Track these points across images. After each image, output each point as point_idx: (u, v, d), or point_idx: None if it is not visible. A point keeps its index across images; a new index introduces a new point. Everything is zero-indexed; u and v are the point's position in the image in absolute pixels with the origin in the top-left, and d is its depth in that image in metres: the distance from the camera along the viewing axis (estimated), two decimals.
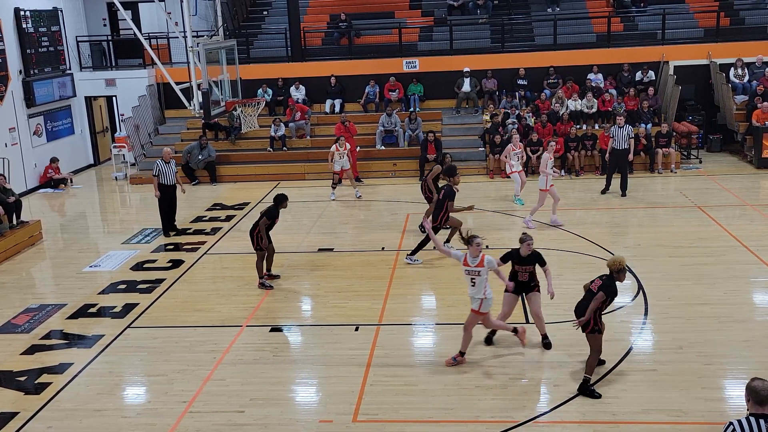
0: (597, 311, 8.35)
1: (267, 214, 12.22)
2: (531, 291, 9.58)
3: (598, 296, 8.26)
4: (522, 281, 9.48)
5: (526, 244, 9.31)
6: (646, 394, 8.47)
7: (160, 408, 8.69)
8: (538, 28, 23.61)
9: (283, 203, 12.32)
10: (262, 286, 12.33)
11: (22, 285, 13.34)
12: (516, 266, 9.44)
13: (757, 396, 5.50)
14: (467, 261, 9.03)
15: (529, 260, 9.38)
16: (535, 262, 9.41)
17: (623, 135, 16.79)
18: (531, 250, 9.36)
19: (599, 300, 8.26)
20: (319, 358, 9.81)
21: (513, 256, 9.43)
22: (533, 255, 9.37)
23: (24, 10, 20.24)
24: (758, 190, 17.55)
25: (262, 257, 12.35)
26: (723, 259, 12.71)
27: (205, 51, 16.88)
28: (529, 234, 9.58)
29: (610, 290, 8.33)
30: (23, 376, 9.67)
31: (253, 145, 21.52)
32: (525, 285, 9.55)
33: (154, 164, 15.73)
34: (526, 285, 9.55)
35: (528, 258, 9.37)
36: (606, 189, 17.35)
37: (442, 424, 8.11)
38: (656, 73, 21.48)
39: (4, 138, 19.40)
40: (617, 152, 16.88)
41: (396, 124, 20.80)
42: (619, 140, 16.81)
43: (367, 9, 25.16)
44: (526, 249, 9.34)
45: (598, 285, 8.42)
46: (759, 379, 5.60)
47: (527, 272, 9.46)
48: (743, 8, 23.26)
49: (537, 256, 9.44)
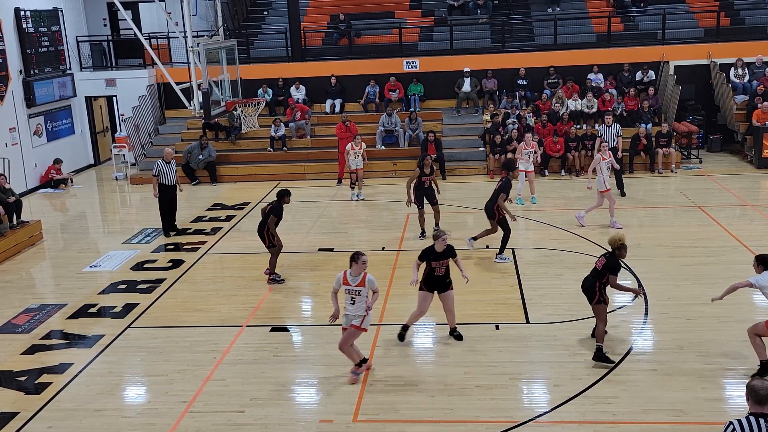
0: (601, 285, 9.21)
1: (274, 212, 12.42)
2: (446, 289, 9.91)
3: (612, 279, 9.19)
4: (439, 276, 9.78)
5: (441, 239, 9.68)
6: (646, 394, 8.48)
7: (160, 408, 8.70)
8: (538, 28, 23.61)
9: (285, 198, 12.54)
10: (273, 281, 12.54)
11: (22, 285, 13.34)
12: (433, 262, 9.74)
13: (757, 395, 5.51)
14: (347, 279, 8.76)
15: (444, 255, 9.75)
16: (450, 255, 9.81)
17: (612, 133, 17.48)
18: (446, 245, 9.74)
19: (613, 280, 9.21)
20: (319, 358, 9.81)
21: (430, 253, 9.74)
22: (448, 249, 9.78)
23: (24, 10, 20.24)
24: (758, 190, 17.55)
25: (276, 253, 12.60)
26: (723, 259, 12.71)
27: (205, 51, 16.90)
28: (444, 230, 9.97)
29: (613, 267, 9.20)
30: (23, 376, 9.67)
31: (254, 145, 21.52)
32: (441, 281, 9.84)
33: (154, 164, 15.72)
34: (441, 281, 9.84)
35: (443, 253, 9.74)
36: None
37: (442, 424, 8.11)
38: (656, 73, 21.48)
39: (4, 138, 19.41)
40: None
41: (396, 124, 20.80)
42: (608, 139, 17.41)
43: (367, 9, 25.16)
44: (442, 244, 9.71)
45: (602, 264, 9.28)
46: (758, 378, 5.60)
47: (444, 266, 9.78)
48: (743, 8, 23.26)
49: (451, 249, 9.83)
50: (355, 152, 17.80)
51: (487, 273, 12.54)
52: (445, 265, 9.81)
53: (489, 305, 11.20)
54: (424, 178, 14.34)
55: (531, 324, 10.50)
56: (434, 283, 9.83)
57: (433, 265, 9.74)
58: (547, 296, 11.41)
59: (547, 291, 11.62)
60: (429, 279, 9.81)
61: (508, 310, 11.02)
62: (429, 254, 9.74)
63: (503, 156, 19.16)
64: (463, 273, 9.95)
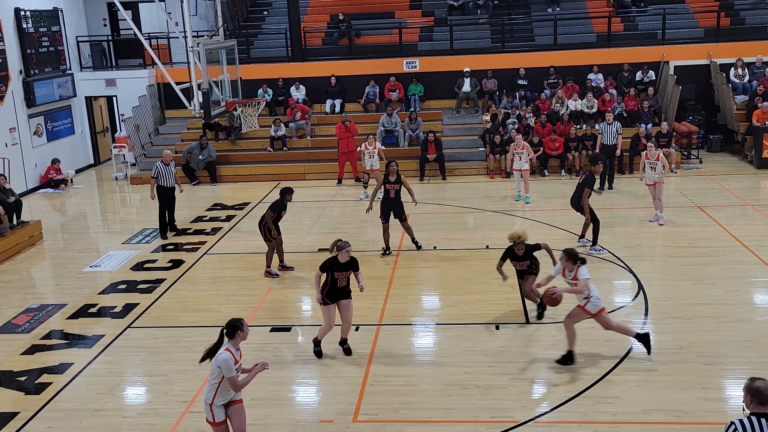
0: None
1: (273, 207, 12.63)
2: (347, 298, 9.58)
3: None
4: (341, 287, 9.51)
5: (345, 251, 9.40)
6: (646, 394, 8.47)
7: (161, 408, 8.70)
8: (538, 28, 23.61)
9: (287, 196, 12.65)
10: (268, 274, 12.74)
11: (22, 285, 13.35)
12: (336, 273, 9.43)
13: (762, 396, 5.50)
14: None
15: (347, 266, 9.47)
16: (352, 268, 9.51)
17: (611, 131, 17.70)
18: (350, 256, 9.43)
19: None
20: (319, 358, 9.81)
21: (333, 264, 9.39)
22: (351, 261, 9.49)
23: (24, 10, 20.25)
24: (758, 190, 17.55)
25: (272, 248, 12.75)
26: (723, 259, 12.71)
27: (205, 51, 16.91)
28: (347, 242, 9.52)
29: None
30: (23, 376, 9.67)
31: (254, 145, 21.52)
32: (343, 291, 9.53)
33: (153, 166, 15.70)
34: (343, 291, 9.53)
35: (347, 264, 9.46)
36: (600, 186, 17.50)
37: (442, 424, 8.11)
38: (656, 73, 21.48)
39: (4, 138, 19.41)
40: (606, 148, 17.77)
41: (396, 124, 20.80)
42: (608, 136, 17.70)
43: (367, 9, 25.17)
44: (345, 255, 9.38)
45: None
46: (760, 379, 5.59)
47: (346, 278, 9.49)
48: (743, 8, 23.26)
49: (354, 262, 9.51)
50: (369, 152, 17.60)
51: (487, 273, 12.53)
52: (347, 277, 9.49)
53: (489, 305, 11.20)
54: (389, 186, 13.26)
55: (531, 324, 10.50)
56: (336, 294, 9.51)
57: (335, 276, 9.41)
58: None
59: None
60: (331, 290, 9.45)
61: (508, 310, 11.01)
62: (332, 265, 9.37)
63: (503, 156, 19.21)
64: (360, 284, 9.56)
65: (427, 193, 18.14)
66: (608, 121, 17.82)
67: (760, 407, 5.51)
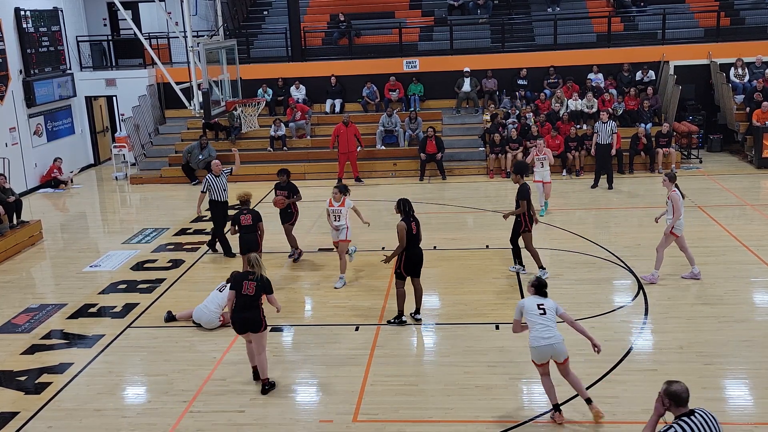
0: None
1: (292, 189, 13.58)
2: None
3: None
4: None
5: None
6: (646, 394, 8.45)
7: (161, 408, 8.70)
8: (538, 28, 23.62)
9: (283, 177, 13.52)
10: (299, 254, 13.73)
11: (22, 285, 13.34)
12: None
13: (680, 398, 5.62)
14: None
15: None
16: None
17: (607, 130, 17.57)
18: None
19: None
20: (319, 358, 9.81)
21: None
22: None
23: (24, 10, 20.25)
24: (758, 190, 17.56)
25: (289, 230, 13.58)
26: (723, 259, 12.71)
27: (205, 51, 16.89)
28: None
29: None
30: (23, 376, 9.67)
31: (253, 145, 21.51)
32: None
33: (203, 180, 13.98)
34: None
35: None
36: (595, 184, 17.94)
37: (442, 424, 8.11)
38: (656, 73, 21.48)
39: (4, 138, 19.41)
40: (601, 147, 17.71)
41: (396, 124, 20.80)
42: (603, 135, 17.58)
43: (367, 9, 25.17)
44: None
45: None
46: (676, 382, 5.69)
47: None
48: (743, 8, 23.26)
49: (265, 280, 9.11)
50: (334, 211, 12.23)
51: (487, 273, 12.54)
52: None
53: (489, 305, 11.20)
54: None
55: None
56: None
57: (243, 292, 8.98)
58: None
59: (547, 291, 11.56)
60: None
61: (508, 310, 10.99)
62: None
63: (502, 155, 19.19)
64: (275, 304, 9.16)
65: (427, 193, 18.15)
66: (603, 120, 17.68)
67: (681, 408, 5.60)
